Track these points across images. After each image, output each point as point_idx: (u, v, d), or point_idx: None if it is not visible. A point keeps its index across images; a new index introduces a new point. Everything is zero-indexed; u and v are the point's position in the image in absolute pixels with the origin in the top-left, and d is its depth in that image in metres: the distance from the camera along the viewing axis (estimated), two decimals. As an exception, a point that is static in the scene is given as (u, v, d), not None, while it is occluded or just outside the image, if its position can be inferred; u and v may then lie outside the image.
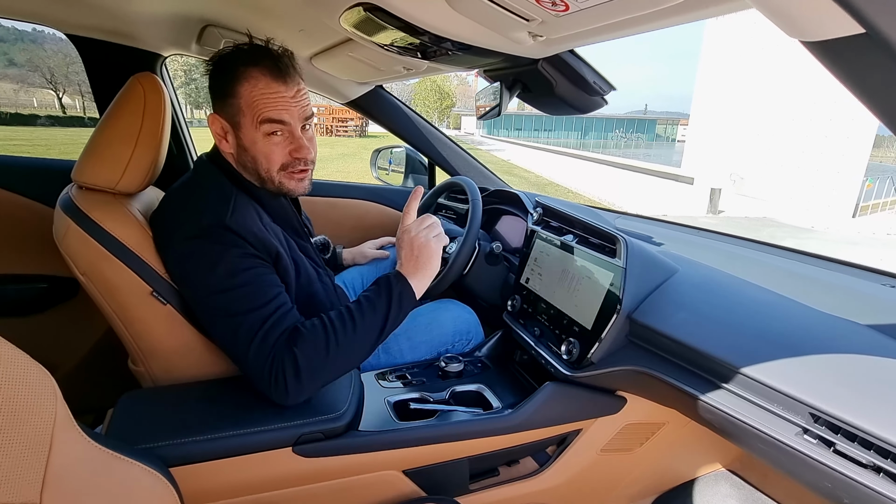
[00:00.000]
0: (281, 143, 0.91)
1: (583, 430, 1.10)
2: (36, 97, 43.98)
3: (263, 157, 0.92)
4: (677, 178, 17.45)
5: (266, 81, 0.87)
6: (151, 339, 0.92)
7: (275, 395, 0.82)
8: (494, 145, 33.74)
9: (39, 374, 0.56)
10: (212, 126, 0.94)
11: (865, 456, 0.62)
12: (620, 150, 40.61)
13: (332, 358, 0.82)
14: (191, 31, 1.21)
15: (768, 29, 10.91)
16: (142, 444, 0.76)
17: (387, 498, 0.95)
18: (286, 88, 0.89)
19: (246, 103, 0.88)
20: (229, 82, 0.88)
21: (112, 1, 1.07)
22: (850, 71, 0.34)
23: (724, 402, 0.77)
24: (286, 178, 0.95)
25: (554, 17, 0.59)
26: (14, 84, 47.69)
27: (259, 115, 0.88)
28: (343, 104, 1.61)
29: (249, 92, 0.87)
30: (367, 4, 0.74)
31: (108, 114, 0.92)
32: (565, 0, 0.52)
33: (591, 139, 55.67)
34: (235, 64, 0.88)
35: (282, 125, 0.90)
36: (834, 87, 1.13)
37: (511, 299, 1.28)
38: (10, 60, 55.49)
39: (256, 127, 0.89)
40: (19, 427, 0.52)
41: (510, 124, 60.75)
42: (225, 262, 0.84)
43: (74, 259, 0.88)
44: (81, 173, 0.90)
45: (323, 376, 0.84)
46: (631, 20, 0.55)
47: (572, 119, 63.82)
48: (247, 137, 0.91)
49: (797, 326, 0.79)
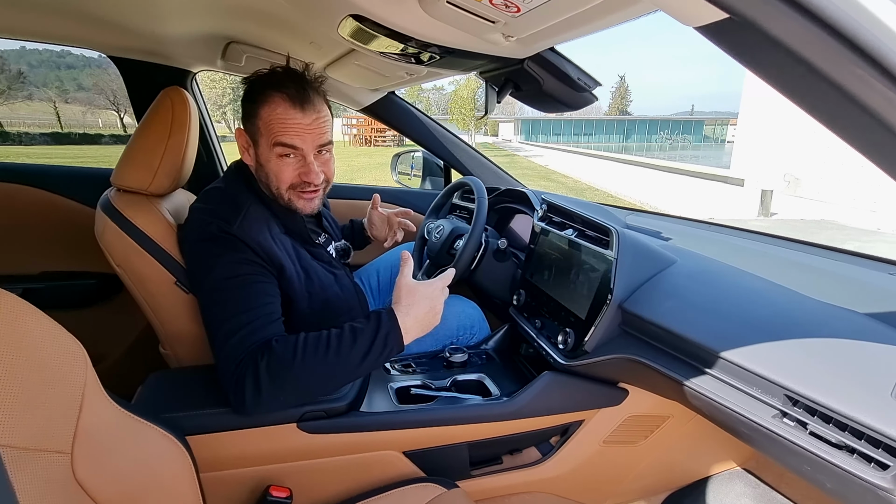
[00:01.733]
0: (292, 165, 0.97)
1: (585, 421, 1.12)
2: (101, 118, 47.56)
3: (274, 176, 0.98)
4: (726, 179, 16.72)
5: (284, 107, 0.93)
6: (176, 324, 1.02)
7: (234, 401, 0.82)
8: (532, 151, 33.49)
9: (73, 346, 0.65)
10: (238, 139, 1.02)
11: (838, 437, 0.61)
12: (665, 152, 39.35)
13: (295, 376, 0.80)
14: (216, 49, 1.33)
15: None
16: (163, 414, 0.85)
17: (388, 477, 1.00)
18: (303, 116, 0.93)
19: (264, 124, 0.95)
20: (254, 102, 0.96)
21: (148, 25, 1.20)
22: (736, 50, 0.37)
23: (708, 387, 0.77)
24: (295, 197, 1.00)
25: (512, 19, 0.64)
26: (82, 106, 51.86)
27: (273, 139, 0.94)
28: (358, 111, 1.70)
29: (268, 115, 0.94)
30: (356, 15, 0.81)
31: (141, 124, 1.04)
32: (515, 3, 0.57)
33: (634, 142, 54.27)
34: (262, 86, 0.95)
35: (293, 150, 0.95)
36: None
37: (516, 294, 1.31)
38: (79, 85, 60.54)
39: (270, 147, 0.95)
40: (54, 387, 0.61)
41: (549, 129, 60.14)
42: (222, 266, 0.89)
43: (111, 252, 0.99)
44: (118, 177, 1.02)
45: (284, 393, 0.81)
46: (578, 18, 0.59)
47: (613, 122, 62.41)
48: (262, 155, 0.97)
49: (781, 313, 0.78)
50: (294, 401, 0.87)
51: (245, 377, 0.80)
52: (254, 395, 0.80)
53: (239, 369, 0.81)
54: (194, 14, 1.14)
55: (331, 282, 1.08)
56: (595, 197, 12.53)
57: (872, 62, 0.33)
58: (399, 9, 0.76)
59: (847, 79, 0.34)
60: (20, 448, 0.57)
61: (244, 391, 0.80)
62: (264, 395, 0.80)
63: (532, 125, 59.99)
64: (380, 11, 0.78)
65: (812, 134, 14.23)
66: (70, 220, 1.50)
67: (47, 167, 1.60)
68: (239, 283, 0.89)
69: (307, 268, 1.04)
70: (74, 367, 0.65)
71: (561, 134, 60.20)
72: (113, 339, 1.59)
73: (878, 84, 0.34)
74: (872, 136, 0.39)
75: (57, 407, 0.62)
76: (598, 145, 47.06)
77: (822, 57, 0.34)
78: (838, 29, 0.32)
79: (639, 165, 22.97)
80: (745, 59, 0.37)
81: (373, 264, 1.57)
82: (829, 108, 0.38)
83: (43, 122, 42.08)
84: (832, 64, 0.34)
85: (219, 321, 0.87)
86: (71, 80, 67.00)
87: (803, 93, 0.38)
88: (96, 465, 0.65)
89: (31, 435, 0.58)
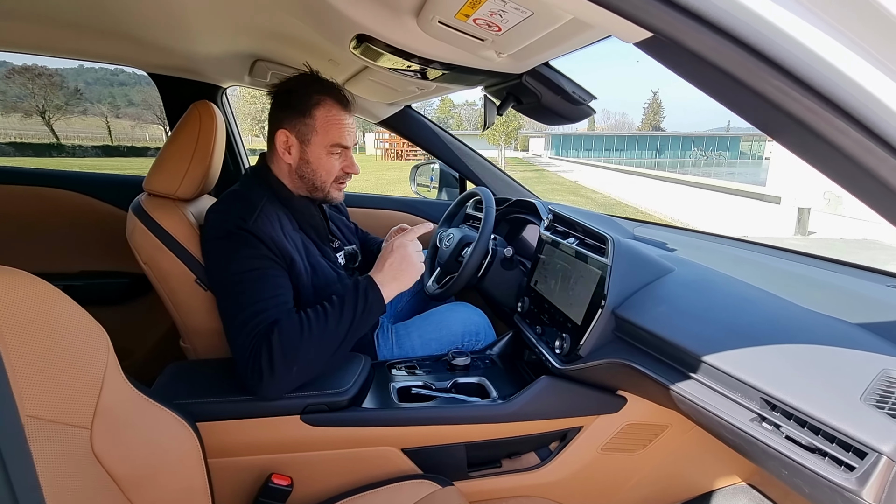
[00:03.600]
0: (338, 161, 1.12)
1: (584, 428, 1.13)
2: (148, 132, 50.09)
3: (324, 171, 1.11)
4: (761, 197, 16.22)
5: (338, 110, 1.08)
6: (194, 319, 1.10)
7: (251, 383, 0.90)
8: (562, 166, 33.32)
9: (97, 331, 0.72)
10: (278, 139, 1.09)
11: (811, 440, 0.62)
12: (699, 168, 38.45)
13: (304, 347, 0.91)
14: (244, 66, 1.43)
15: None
16: (176, 401, 0.92)
17: (386, 472, 1.04)
18: (349, 118, 1.10)
19: (321, 125, 1.07)
20: (306, 105, 1.06)
21: (183, 45, 1.32)
22: (670, 63, 0.41)
23: (692, 391, 0.79)
24: (334, 188, 1.15)
25: (497, 36, 0.69)
26: (131, 121, 54.80)
27: (331, 139, 1.08)
28: (376, 123, 1.78)
29: (325, 116, 1.07)
30: (363, 35, 0.88)
31: (172, 134, 1.13)
32: (496, 23, 0.62)
33: (667, 158, 53.28)
34: (314, 91, 1.07)
35: (345, 148, 1.11)
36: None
37: (521, 301, 1.34)
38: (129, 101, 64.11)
39: (325, 146, 1.09)
40: (78, 366, 0.68)
41: (580, 145, 59.77)
42: (238, 261, 0.98)
43: (138, 251, 1.08)
44: (149, 182, 1.11)
45: (296, 363, 0.91)
46: (550, 38, 0.63)
47: (646, 138, 61.45)
48: (312, 153, 1.09)
49: (768, 319, 0.79)
50: (306, 374, 0.95)
51: (260, 358, 0.89)
52: (269, 374, 0.89)
53: (253, 352, 0.90)
54: (224, 35, 1.24)
55: (333, 280, 1.14)
56: (624, 212, 12.35)
57: (785, 73, 0.37)
58: (400, 28, 0.82)
59: (764, 87, 0.38)
60: (45, 420, 0.64)
61: (261, 371, 0.89)
62: (277, 371, 0.89)
63: (563, 140, 59.77)
64: (383, 31, 0.84)
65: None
66: (107, 223, 1.63)
67: (88, 174, 1.74)
68: (254, 276, 0.97)
69: (314, 264, 1.11)
70: (98, 350, 0.72)
71: (592, 149, 59.72)
72: (142, 335, 1.70)
73: (792, 92, 0.38)
74: (802, 139, 0.42)
75: (80, 385, 0.69)
76: (629, 161, 46.47)
77: (741, 69, 0.37)
78: (748, 43, 0.36)
79: (671, 181, 22.54)
80: (679, 71, 0.41)
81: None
82: (758, 115, 0.41)
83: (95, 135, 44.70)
84: (749, 74, 0.37)
85: (234, 311, 0.95)
86: (122, 97, 71.06)
87: (733, 101, 0.41)
88: (112, 442, 0.72)
89: (56, 409, 0.65)
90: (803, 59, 0.37)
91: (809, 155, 0.45)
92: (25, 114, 40.39)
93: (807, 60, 0.37)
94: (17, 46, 1.34)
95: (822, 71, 0.37)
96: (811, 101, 0.38)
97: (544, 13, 0.56)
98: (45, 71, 40.29)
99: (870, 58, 0.37)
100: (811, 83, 0.37)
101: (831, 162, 0.44)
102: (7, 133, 37.97)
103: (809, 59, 0.36)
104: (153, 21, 1.15)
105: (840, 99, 0.38)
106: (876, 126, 0.39)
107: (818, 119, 0.39)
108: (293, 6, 0.96)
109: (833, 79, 0.37)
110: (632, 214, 11.67)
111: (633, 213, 12.14)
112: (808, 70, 0.37)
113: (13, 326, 0.61)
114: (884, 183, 0.41)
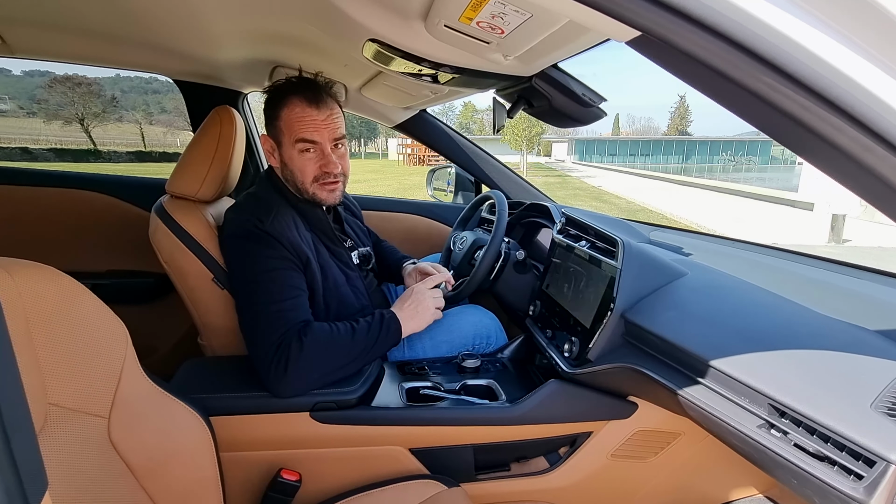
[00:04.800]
0: (313, 159, 1.09)
1: (594, 433, 1.12)
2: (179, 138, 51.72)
3: (299, 171, 1.10)
4: (793, 203, 15.70)
5: (302, 107, 1.06)
6: (210, 316, 1.13)
7: (272, 377, 0.94)
8: (585, 172, 32.96)
9: (117, 325, 0.76)
10: (263, 145, 1.15)
11: (819, 448, 0.61)
12: (728, 174, 37.51)
13: (323, 358, 0.97)
14: (264, 72, 1.48)
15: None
16: (191, 394, 0.95)
17: (394, 471, 1.04)
18: (318, 112, 1.07)
19: (285, 125, 1.08)
20: (275, 107, 1.09)
21: (205, 52, 1.37)
22: (663, 62, 0.41)
23: (700, 397, 0.77)
24: (318, 189, 1.12)
25: (501, 39, 0.69)
26: (164, 128, 56.70)
27: (294, 136, 1.07)
28: (392, 128, 1.81)
29: (288, 115, 1.07)
30: (374, 39, 0.90)
31: (193, 138, 1.18)
32: (499, 26, 0.63)
33: (694, 163, 52.14)
34: (281, 93, 1.09)
35: (313, 144, 1.08)
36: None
37: (533, 305, 1.33)
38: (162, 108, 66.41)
39: (293, 145, 1.08)
40: (98, 358, 0.71)
41: (604, 150, 59.05)
42: (257, 262, 1.02)
43: (159, 250, 1.12)
44: (171, 185, 1.15)
45: (311, 373, 0.96)
46: (552, 41, 0.64)
47: (672, 143, 60.29)
48: (286, 154, 1.10)
49: (779, 324, 0.77)
50: (318, 380, 0.99)
51: (286, 356, 0.93)
52: (294, 370, 0.93)
53: (270, 354, 0.94)
54: (244, 42, 1.29)
55: (342, 281, 1.17)
56: (649, 218, 12.13)
57: (775, 69, 0.37)
58: (409, 32, 0.84)
59: (756, 85, 0.38)
60: (66, 408, 0.67)
61: (285, 367, 0.93)
62: (302, 369, 0.94)
63: (586, 145, 59.16)
64: (393, 35, 0.86)
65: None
66: (134, 224, 1.69)
67: (118, 177, 1.82)
68: (272, 277, 1.01)
69: (324, 264, 1.14)
70: (117, 343, 0.75)
71: (616, 154, 58.94)
72: (166, 333, 1.76)
73: (784, 89, 0.37)
74: (800, 137, 0.41)
75: (99, 376, 0.72)
76: (655, 166, 45.64)
77: (730, 66, 0.37)
78: (735, 40, 0.35)
79: (698, 187, 22.04)
80: (672, 69, 0.41)
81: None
82: (753, 113, 0.41)
83: (130, 141, 46.39)
84: (739, 72, 0.37)
85: (254, 311, 0.99)
86: (156, 104, 73.68)
87: (728, 99, 0.41)
88: (128, 431, 0.75)
89: (76, 398, 0.68)
90: (793, 56, 0.36)
91: (809, 154, 0.44)
92: (66, 121, 42.23)
93: (797, 56, 0.36)
94: (51, 55, 1.42)
95: (814, 67, 0.36)
96: (804, 97, 0.38)
97: (543, 15, 0.56)
98: (84, 80, 42.08)
99: (864, 53, 0.36)
100: (803, 80, 0.37)
101: (833, 161, 0.43)
102: (49, 139, 39.76)
103: (799, 55, 0.36)
104: (177, 30, 1.20)
105: (834, 96, 0.37)
106: (874, 123, 0.38)
107: (813, 116, 0.39)
108: (308, 13, 0.99)
109: (825, 75, 0.37)
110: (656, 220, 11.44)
111: (657, 219, 11.92)
112: (799, 66, 0.37)
113: (40, 318, 0.64)
114: (886, 182, 0.40)
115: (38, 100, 57.83)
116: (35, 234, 1.67)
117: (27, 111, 61.24)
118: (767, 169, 47.22)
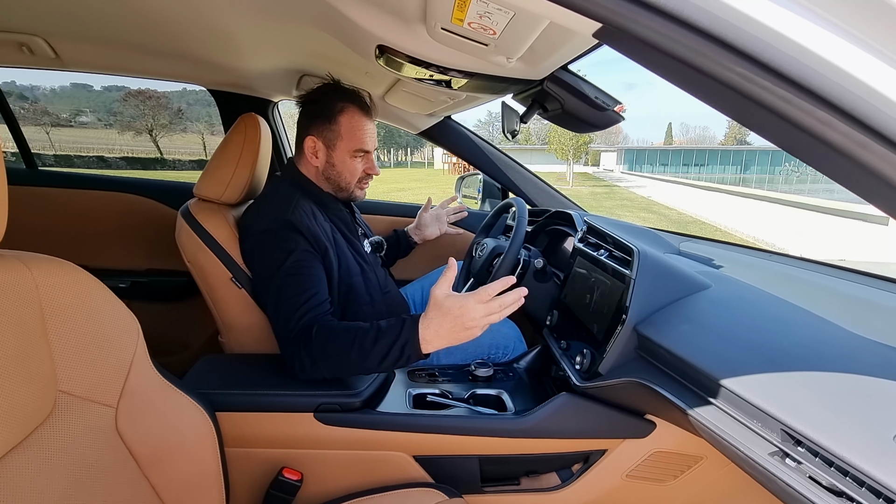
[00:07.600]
0: (360, 164, 1.21)
1: (608, 451, 1.06)
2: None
3: (349, 173, 1.21)
4: (865, 217, 14.52)
5: (360, 116, 1.17)
6: (229, 315, 1.17)
7: (291, 365, 0.99)
8: (634, 182, 31.92)
9: (129, 318, 0.79)
10: (306, 145, 1.19)
11: (835, 482, 0.54)
12: (791, 185, 35.30)
13: (328, 359, 0.96)
14: (292, 81, 1.53)
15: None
16: (199, 389, 0.98)
17: (396, 478, 1.03)
18: (370, 123, 1.19)
19: (346, 131, 1.16)
20: (331, 114, 1.16)
21: (238, 63, 1.43)
22: (631, 54, 0.38)
23: (710, 417, 0.72)
24: (357, 188, 1.25)
25: (495, 40, 0.68)
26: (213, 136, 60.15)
27: (355, 145, 1.17)
28: (416, 134, 1.82)
29: (349, 123, 1.16)
30: (382, 46, 0.90)
31: (220, 144, 1.23)
32: (488, 25, 0.62)
33: (753, 174, 49.44)
34: (334, 98, 1.16)
35: (366, 152, 1.20)
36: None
37: (550, 315, 1.29)
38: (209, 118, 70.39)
39: (349, 151, 1.18)
40: (110, 349, 0.74)
41: (655, 160, 57.06)
42: (282, 254, 1.05)
43: (183, 249, 1.17)
44: (198, 188, 1.21)
45: (323, 369, 0.97)
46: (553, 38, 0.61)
47: (729, 153, 57.51)
48: (338, 157, 1.19)
49: (803, 343, 0.70)
50: (329, 376, 1.00)
51: (300, 349, 0.97)
52: (302, 365, 0.97)
53: (293, 343, 0.98)
54: (270, 52, 1.34)
55: (356, 271, 1.20)
56: (701, 230, 11.56)
57: (747, 58, 0.33)
58: (413, 37, 0.84)
59: (727, 76, 0.34)
60: (76, 396, 0.70)
61: (301, 359, 0.97)
62: (308, 366, 0.97)
63: (636, 155, 57.44)
64: (399, 41, 0.87)
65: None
66: (171, 226, 1.78)
67: (161, 181, 1.93)
68: (297, 270, 1.05)
69: (340, 254, 1.17)
70: (129, 336, 0.78)
71: (668, 164, 56.81)
72: (198, 330, 1.84)
73: (760, 80, 0.34)
74: (786, 133, 0.38)
75: (110, 367, 0.75)
76: (710, 177, 43.63)
77: (697, 56, 0.34)
78: (699, 27, 0.33)
79: (758, 199, 20.85)
80: (641, 61, 0.38)
81: (419, 280, 1.65)
82: (732, 107, 0.38)
83: (192, 151, 49.39)
84: (708, 61, 0.34)
85: (280, 301, 1.03)
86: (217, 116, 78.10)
87: (704, 92, 0.38)
88: (135, 421, 0.78)
89: (87, 387, 0.71)
90: (765, 42, 0.33)
91: (802, 152, 0.40)
92: (137, 132, 45.55)
93: (770, 43, 0.33)
94: (98, 68, 1.53)
95: (791, 54, 0.33)
96: (783, 89, 0.34)
97: (523, 13, 0.55)
98: (154, 94, 45.33)
99: (849, 38, 0.33)
100: (779, 69, 0.34)
101: (827, 160, 0.39)
102: (122, 149, 43.01)
103: (772, 40, 0.33)
104: (208, 41, 1.26)
105: (817, 86, 0.34)
106: (867, 117, 0.34)
107: (796, 110, 0.35)
108: (324, 23, 1.01)
109: (806, 63, 0.33)
110: (709, 232, 10.90)
111: (710, 231, 11.34)
112: (774, 54, 0.33)
113: (54, 309, 0.68)
114: (889, 183, 0.36)
115: (114, 112, 62.85)
116: (83, 233, 1.80)
117: (105, 123, 66.58)
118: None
